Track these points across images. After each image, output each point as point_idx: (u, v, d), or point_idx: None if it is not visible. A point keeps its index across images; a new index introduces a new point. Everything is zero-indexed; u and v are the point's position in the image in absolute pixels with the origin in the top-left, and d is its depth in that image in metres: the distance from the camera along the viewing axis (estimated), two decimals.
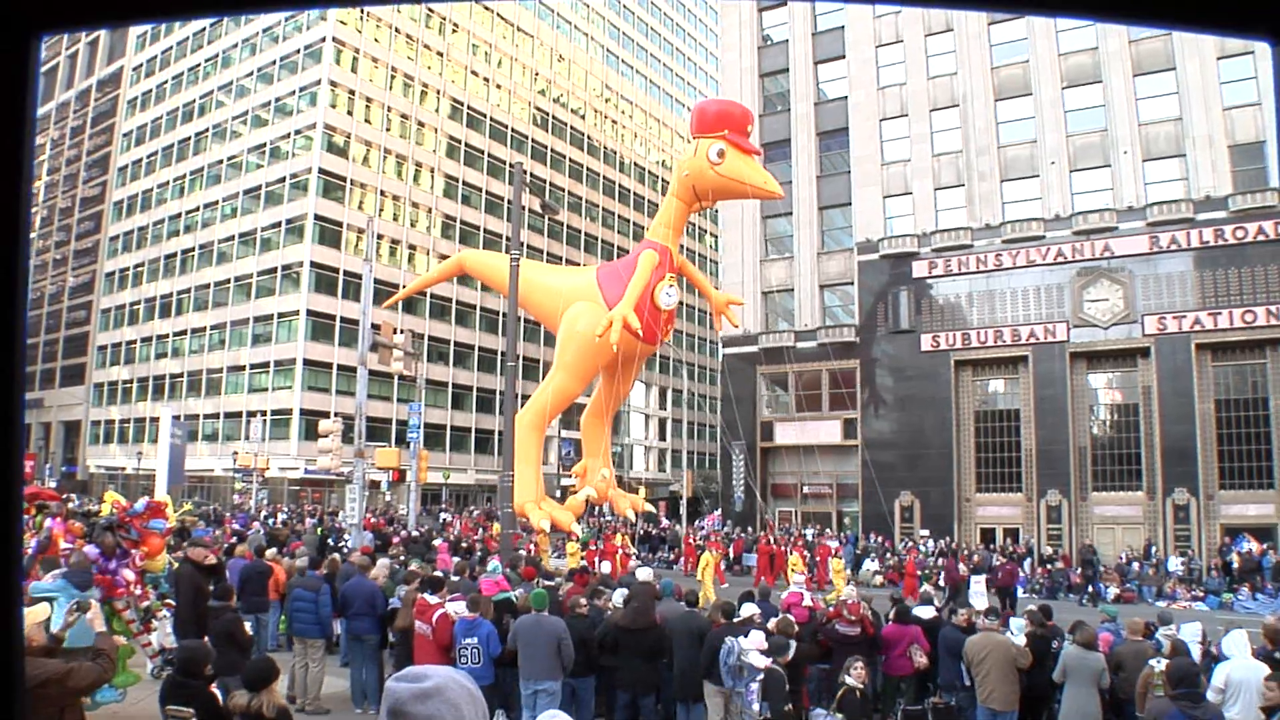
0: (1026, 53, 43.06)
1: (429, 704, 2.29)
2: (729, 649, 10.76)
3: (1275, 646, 11.34)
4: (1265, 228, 36.34)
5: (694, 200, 21.39)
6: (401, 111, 66.57)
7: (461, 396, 68.70)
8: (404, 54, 67.24)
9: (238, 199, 66.08)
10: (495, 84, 74.00)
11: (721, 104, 23.50)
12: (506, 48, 75.61)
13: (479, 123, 72.24)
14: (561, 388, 21.23)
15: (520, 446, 20.99)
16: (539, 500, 20.93)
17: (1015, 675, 10.80)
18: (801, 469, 44.60)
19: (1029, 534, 39.18)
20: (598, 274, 22.79)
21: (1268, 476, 36.26)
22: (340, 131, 62.63)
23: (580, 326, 20.74)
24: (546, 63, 79.45)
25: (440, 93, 69.45)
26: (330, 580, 14.47)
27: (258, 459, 49.21)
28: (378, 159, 64.67)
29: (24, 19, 1.25)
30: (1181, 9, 1.20)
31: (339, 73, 62.81)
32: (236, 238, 65.32)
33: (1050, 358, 39.58)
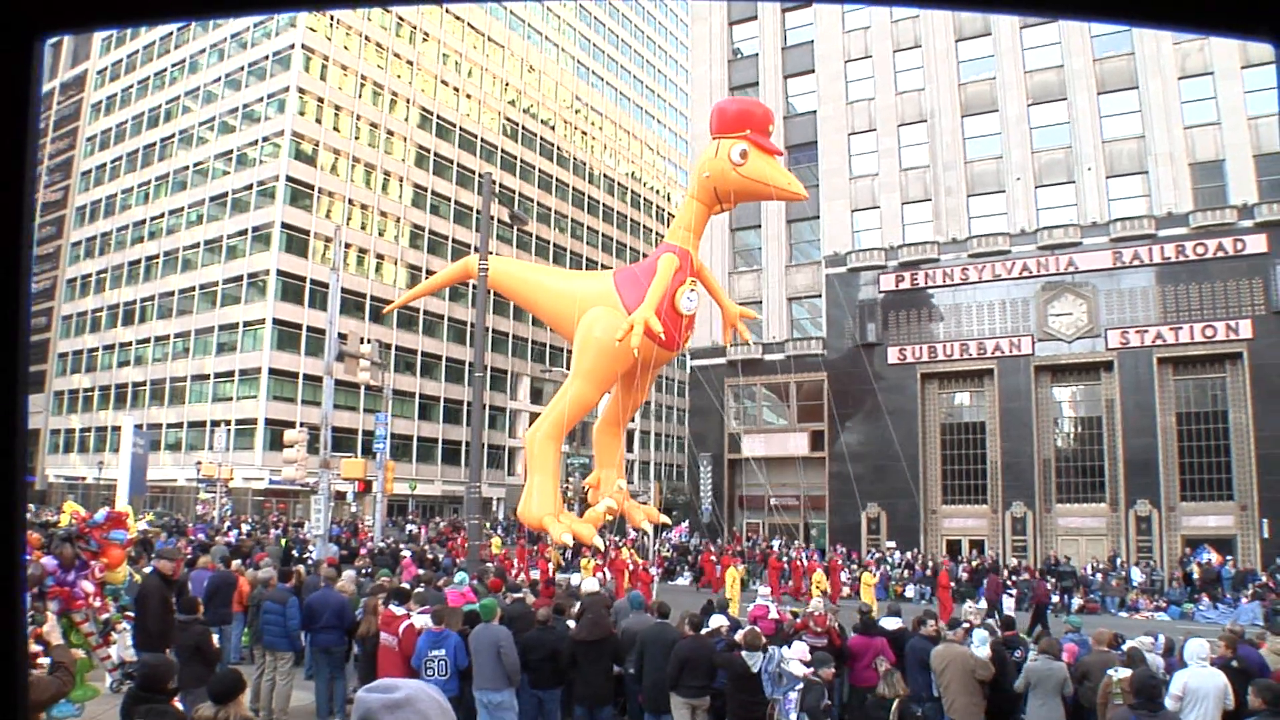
0: (993, 69, 43.54)
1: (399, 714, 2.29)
2: (770, 656, 10.78)
3: (1234, 655, 11.52)
4: (1225, 244, 36.89)
5: (715, 202, 20.86)
6: (370, 120, 66.32)
7: (429, 407, 68.38)
8: (374, 62, 67.01)
9: (204, 206, 65.51)
10: (465, 94, 73.89)
11: (742, 103, 22.97)
12: (477, 57, 75.53)
13: (448, 132, 72.09)
14: (579, 396, 20.65)
15: (537, 458, 20.50)
16: (558, 513, 20.44)
17: (976, 686, 10.85)
18: (769, 481, 44.72)
19: (994, 546, 39.46)
20: (615, 278, 22.22)
21: (1227, 488, 36.75)
22: (308, 139, 62.28)
23: (598, 332, 20.04)
24: (517, 73, 79.43)
25: (410, 101, 69.26)
26: (296, 592, 14.35)
27: (222, 469, 48.70)
28: (346, 167, 64.34)
29: (27, 21, 1.25)
30: (1182, 10, 1.22)
31: (308, 80, 62.50)
32: (202, 245, 64.74)
33: (1015, 371, 39.94)
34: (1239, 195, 37.72)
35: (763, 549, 39.13)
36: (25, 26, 1.25)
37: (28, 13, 1.25)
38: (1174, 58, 40.02)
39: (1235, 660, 11.23)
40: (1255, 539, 35.39)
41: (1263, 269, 36.14)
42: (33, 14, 1.25)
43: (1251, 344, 36.03)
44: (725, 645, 11.46)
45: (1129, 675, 10.02)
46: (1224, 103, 38.96)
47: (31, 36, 1.26)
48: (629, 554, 30.51)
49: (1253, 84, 38.57)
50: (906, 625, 13.27)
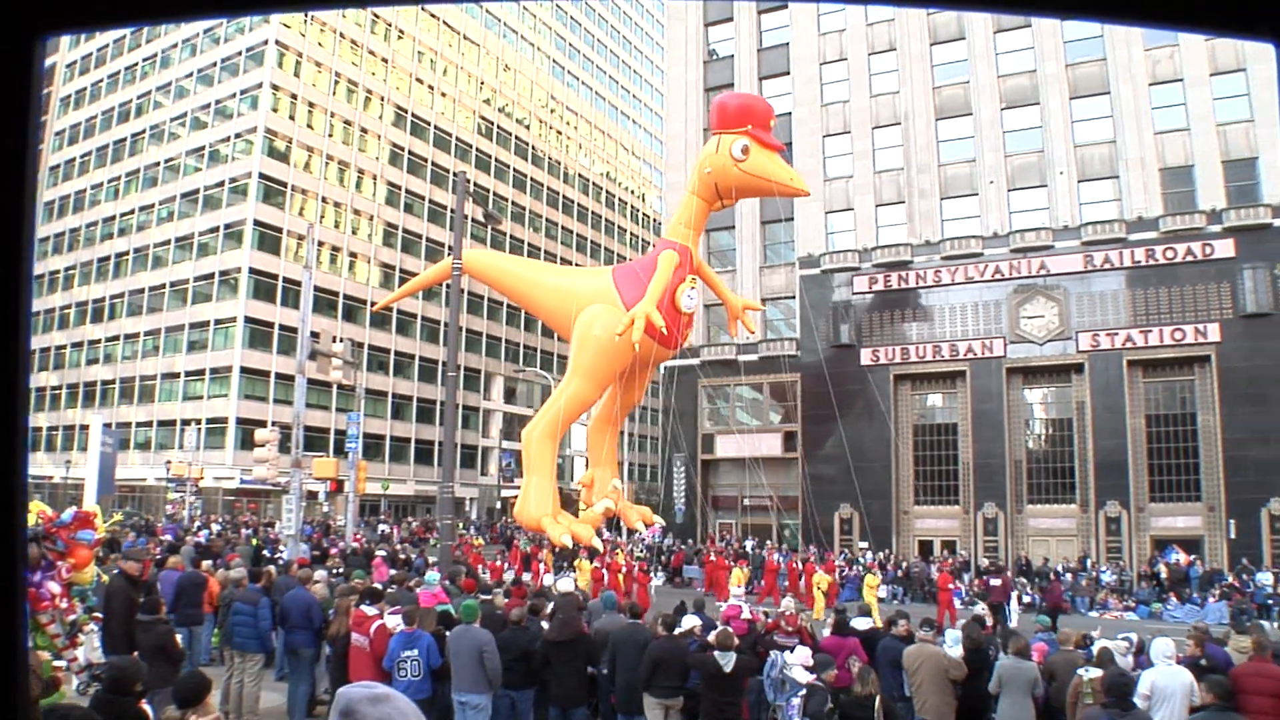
0: (967, 74, 43.81)
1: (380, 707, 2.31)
2: (773, 661, 10.78)
3: (1201, 653, 11.64)
4: (1194, 249, 37.28)
5: (715, 198, 20.50)
6: (344, 117, 65.97)
7: (401, 406, 68.10)
8: (348, 59, 66.66)
9: (175, 202, 64.96)
10: (440, 92, 73.63)
11: (743, 98, 22.64)
12: (452, 56, 75.28)
13: (423, 130, 71.81)
14: (577, 394, 20.22)
15: (534, 458, 20.11)
16: (556, 514, 20.06)
17: (949, 686, 10.90)
18: (743, 481, 44.80)
19: (966, 546, 39.69)
20: (614, 275, 21.75)
21: (1195, 490, 37.13)
22: (281, 136, 61.90)
23: (597, 330, 19.72)
24: (492, 72, 79.23)
25: (384, 99, 68.95)
26: (267, 592, 14.23)
27: (192, 468, 48.31)
28: (319, 165, 63.98)
29: (27, 21, 1.25)
30: (1183, 10, 1.22)
31: (281, 76, 62.11)
32: (173, 242, 64.18)
33: (987, 373, 40.19)
34: (1208, 200, 38.12)
35: (735, 550, 39.19)
36: (25, 26, 1.25)
37: (27, 12, 1.25)
38: (1145, 64, 40.41)
39: (1203, 659, 11.36)
40: (1222, 539, 35.79)
41: (1230, 273, 36.54)
42: (33, 14, 1.25)
43: (1219, 347, 36.42)
44: (699, 646, 11.47)
45: (1098, 675, 10.11)
46: (1193, 109, 39.38)
47: (31, 36, 1.26)
48: (625, 557, 30.28)
49: (1221, 91, 39.02)
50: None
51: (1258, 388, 34.65)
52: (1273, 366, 33.13)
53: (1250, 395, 35.11)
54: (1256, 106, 38.26)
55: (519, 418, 79.10)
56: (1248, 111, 38.53)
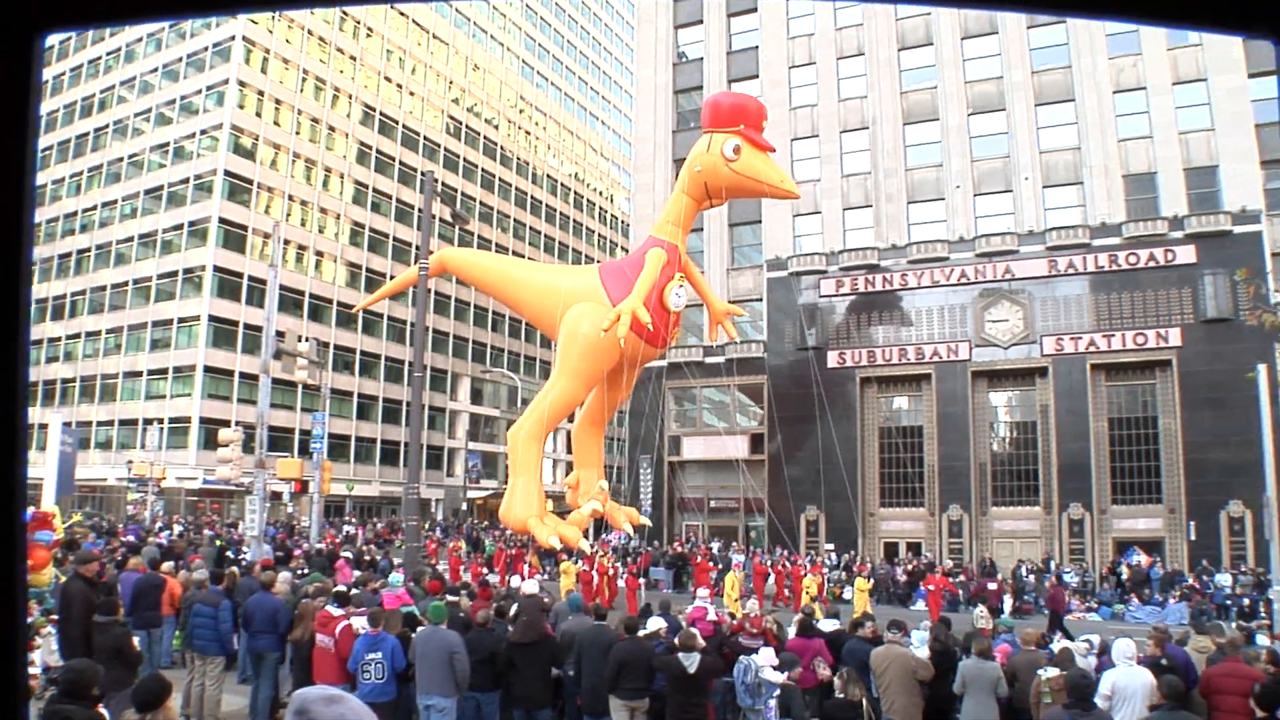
0: (934, 79, 44.13)
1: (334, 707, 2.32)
2: (745, 667, 10.76)
3: (1161, 653, 11.80)
4: (1156, 254, 37.73)
5: (705, 198, 20.26)
6: (312, 115, 65.51)
7: (367, 407, 67.69)
8: (316, 56, 66.21)
9: (138, 199, 64.25)
10: (409, 91, 73.30)
11: (736, 97, 22.43)
12: (421, 54, 74.95)
13: (391, 129, 71.45)
14: (564, 393, 19.92)
15: (520, 459, 19.85)
16: (542, 515, 19.75)
17: (916, 687, 10.96)
18: (709, 483, 44.88)
19: (931, 548, 39.94)
20: (601, 272, 21.48)
21: (1156, 492, 37.57)
22: (248, 133, 61.37)
23: (584, 328, 19.50)
24: (461, 71, 78.95)
25: (352, 97, 68.54)
26: (230, 594, 14.08)
27: (154, 468, 47.72)
28: (286, 162, 63.48)
29: (26, 19, 1.25)
30: (1183, 8, 1.22)
31: (248, 73, 61.58)
32: (136, 239, 63.48)
33: (952, 376, 40.46)
34: (1170, 207, 38.62)
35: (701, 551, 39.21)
36: (25, 24, 1.26)
37: (27, 10, 1.25)
38: (1109, 72, 40.89)
39: (1164, 659, 11.51)
40: (1182, 541, 36.24)
41: (1191, 279, 37.01)
42: (32, 12, 1.25)
43: (1180, 352, 36.88)
44: (665, 648, 11.46)
45: (1056, 675, 10.22)
46: (1156, 117, 39.90)
47: (31, 34, 1.26)
48: (608, 559, 29.98)
49: (1183, 100, 39.56)
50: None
51: (1218, 392, 35.11)
52: (1232, 371, 33.53)
53: (1210, 399, 35.57)
54: (1217, 115, 38.81)
55: (485, 419, 78.94)
56: (1209, 120, 39.09)
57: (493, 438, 79.05)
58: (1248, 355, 31.91)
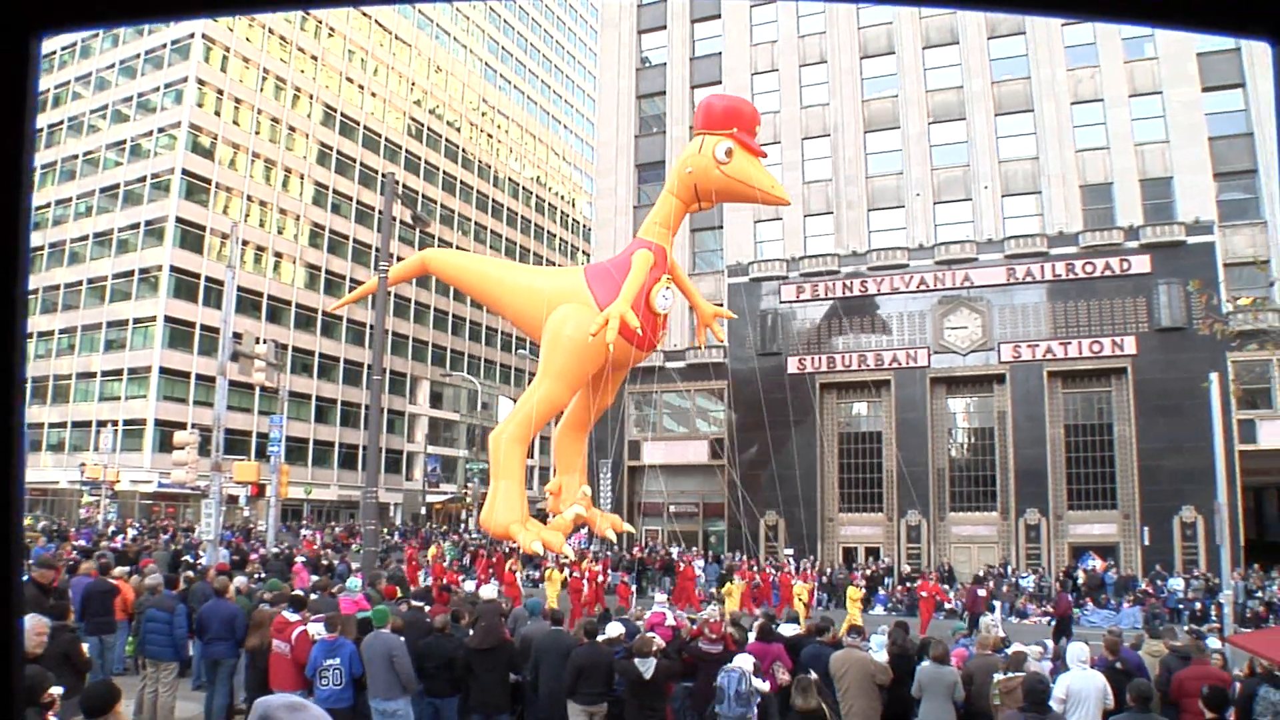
0: (896, 88, 44.48)
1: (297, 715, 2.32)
2: (739, 676, 10.68)
3: (1115, 657, 11.93)
4: (1112, 264, 38.23)
5: (694, 200, 19.96)
6: (272, 115, 64.91)
7: (325, 410, 67.09)
8: (277, 55, 65.61)
9: (93, 197, 63.32)
10: (370, 92, 72.84)
11: (730, 100, 22.13)
12: (383, 55, 74.52)
13: (352, 130, 70.96)
14: (548, 396, 19.42)
15: (503, 462, 19.31)
16: (525, 520, 19.20)
17: (875, 691, 11.00)
18: (669, 488, 44.86)
19: (889, 553, 40.18)
20: (586, 274, 21.07)
21: (1111, 498, 38.03)
22: (206, 132, 60.69)
23: (570, 330, 19.17)
24: (423, 73, 78.59)
25: (313, 97, 67.99)
26: (184, 599, 13.87)
27: (107, 471, 47.02)
28: (245, 162, 62.86)
29: (24, 19, 1.25)
30: (1182, 9, 1.20)
31: (207, 71, 60.91)
32: (91, 238, 62.52)
33: (911, 382, 40.73)
34: (1126, 217, 39.16)
35: (663, 556, 39.20)
36: (22, 25, 1.25)
37: (24, 10, 1.25)
38: (1067, 83, 41.42)
39: (1118, 662, 11.64)
40: (1137, 546, 36.71)
41: (1146, 288, 37.53)
42: (30, 12, 1.25)
43: (1135, 360, 37.37)
44: (624, 653, 11.43)
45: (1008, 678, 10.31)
46: (1113, 128, 40.46)
47: (28, 35, 1.26)
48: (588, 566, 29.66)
49: (1140, 112, 40.16)
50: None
51: (1171, 399, 35.61)
52: (1185, 379, 34.03)
53: (1164, 407, 36.07)
54: (1172, 127, 39.43)
55: (445, 422, 78.53)
56: (1164, 133, 39.69)
57: (452, 442, 78.68)
58: (1200, 364, 32.41)
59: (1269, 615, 29.77)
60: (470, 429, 77.84)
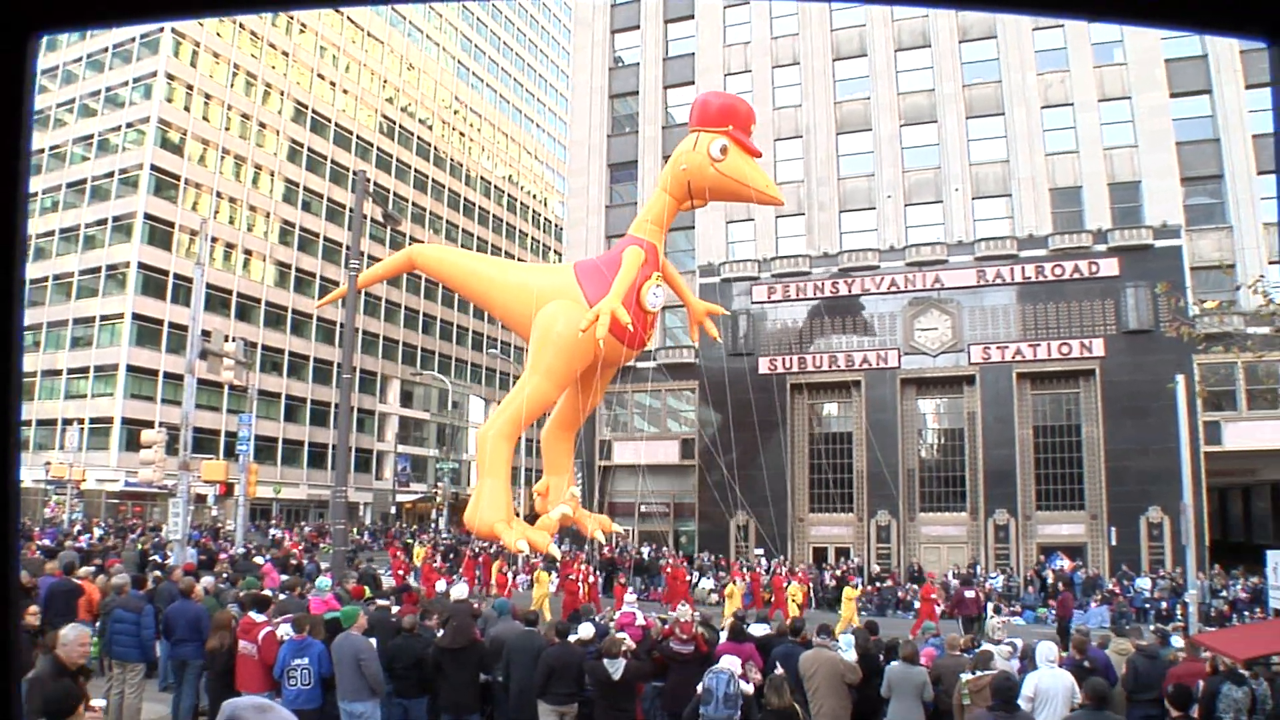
0: (868, 90, 44.65)
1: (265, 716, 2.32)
2: (727, 678, 10.65)
3: (1083, 656, 12.02)
4: (1080, 266, 38.57)
5: (687, 197, 19.67)
6: (242, 111, 64.39)
7: (295, 409, 66.62)
8: (248, 51, 65.09)
9: (59, 192, 62.54)
10: (342, 89, 72.39)
11: (725, 98, 21.89)
12: (355, 52, 74.10)
13: (323, 127, 70.50)
14: (537, 394, 19.24)
15: (489, 460, 19.15)
16: (510, 519, 18.90)
17: (845, 690, 11.04)
18: (640, 488, 44.85)
19: (859, 553, 40.35)
20: (576, 270, 20.74)
21: (1079, 498, 38.36)
22: (176, 127, 60.13)
23: (559, 326, 18.90)
24: (396, 70, 78.21)
25: (284, 94, 67.51)
26: (151, 600, 13.72)
27: (73, 470, 46.46)
28: (215, 158, 62.32)
29: (23, 19, 1.26)
30: (1180, 9, 1.20)
31: (177, 65, 60.33)
32: (57, 233, 61.77)
33: (882, 383, 40.92)
34: (1094, 221, 39.50)
35: (633, 556, 39.20)
36: (21, 25, 1.26)
37: (23, 10, 1.26)
38: (1038, 87, 41.72)
39: (1086, 661, 11.74)
40: (1104, 546, 37.05)
41: (1114, 291, 37.89)
42: (28, 12, 1.26)
43: (1103, 362, 37.72)
44: (595, 654, 11.41)
45: (977, 677, 10.38)
46: (1082, 133, 40.79)
47: (26, 34, 1.27)
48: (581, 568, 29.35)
49: (1109, 116, 40.51)
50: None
51: (1138, 401, 35.98)
52: (1152, 381, 34.38)
53: (1131, 408, 36.44)
54: (1140, 132, 39.80)
55: (415, 421, 78.18)
56: (1132, 137, 40.06)
57: (422, 441, 78.35)
58: (1167, 366, 32.77)
59: (1232, 614, 30.13)
60: (441, 428, 77.57)
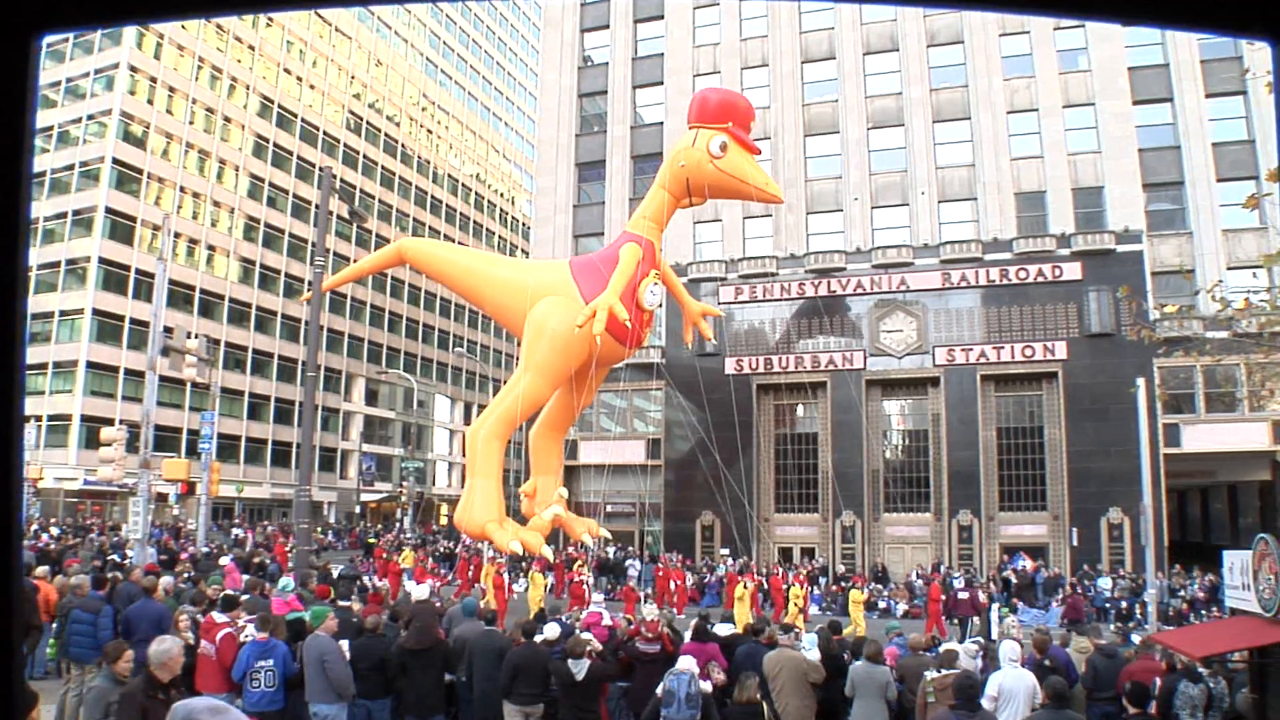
0: (836, 92, 44.86)
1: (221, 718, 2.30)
2: (688, 679, 10.62)
3: (1043, 656, 12.14)
4: (1044, 270, 38.95)
5: (685, 194, 19.50)
6: (206, 104, 63.74)
7: (258, 407, 66.04)
8: (213, 44, 64.43)
9: None
10: (309, 84, 71.83)
11: (725, 94, 21.59)
12: (323, 47, 73.55)
13: (289, 123, 69.92)
14: (530, 392, 18.97)
15: (480, 459, 18.84)
16: (502, 520, 18.57)
17: (809, 690, 11.08)
18: (606, 488, 44.81)
19: (824, 553, 40.52)
20: (571, 267, 20.53)
21: (1041, 499, 38.74)
22: (139, 120, 59.40)
23: (553, 323, 18.67)
24: (363, 66, 77.72)
25: (250, 88, 66.88)
26: (110, 600, 13.53)
27: (30, 468, 45.82)
28: (178, 152, 61.64)
29: (24, 19, 1.26)
30: (1181, 9, 1.20)
31: (140, 57, 59.60)
32: None
33: (847, 384, 41.10)
34: (1058, 225, 39.92)
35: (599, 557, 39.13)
36: (23, 24, 1.26)
37: (24, 10, 1.26)
38: (1004, 93, 42.10)
39: (1047, 660, 11.86)
40: (1065, 547, 37.45)
41: (1077, 295, 38.30)
42: (29, 12, 1.26)
43: (1066, 364, 38.11)
44: (561, 654, 11.39)
45: (942, 676, 10.45)
46: (1047, 138, 41.21)
47: (29, 34, 1.27)
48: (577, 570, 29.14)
49: (1073, 122, 40.97)
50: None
51: (1100, 403, 36.40)
52: (1113, 384, 34.81)
53: (1093, 410, 36.85)
54: (1104, 139, 40.28)
55: (380, 420, 77.72)
56: (1096, 143, 40.53)
57: (387, 440, 77.91)
58: (1128, 369, 33.22)
59: (1190, 613, 30.53)
60: (406, 427, 77.18)
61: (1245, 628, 11.38)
